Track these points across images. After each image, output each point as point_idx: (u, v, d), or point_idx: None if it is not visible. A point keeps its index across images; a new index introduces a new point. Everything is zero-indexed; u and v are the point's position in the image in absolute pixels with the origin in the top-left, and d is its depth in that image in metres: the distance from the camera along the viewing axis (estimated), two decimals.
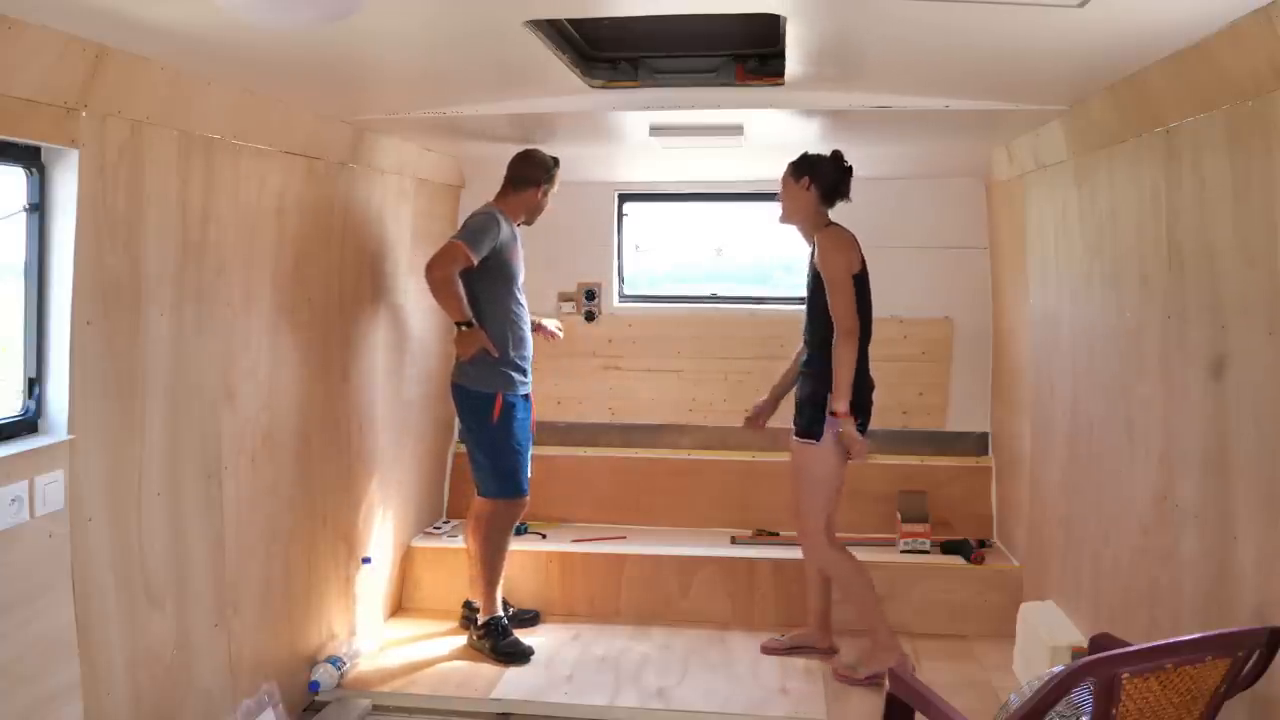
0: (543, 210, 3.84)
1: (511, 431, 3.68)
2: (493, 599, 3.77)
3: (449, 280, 3.50)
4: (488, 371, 3.63)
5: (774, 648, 3.79)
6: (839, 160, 3.47)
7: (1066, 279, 3.38)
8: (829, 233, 3.47)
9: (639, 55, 2.97)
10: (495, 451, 3.69)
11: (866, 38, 2.44)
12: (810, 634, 3.76)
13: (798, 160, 3.52)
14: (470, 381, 3.67)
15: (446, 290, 3.50)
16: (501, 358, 3.62)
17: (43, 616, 2.18)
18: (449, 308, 3.55)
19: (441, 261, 3.51)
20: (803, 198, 3.48)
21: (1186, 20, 2.02)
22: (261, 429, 3.04)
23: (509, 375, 3.66)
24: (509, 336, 3.66)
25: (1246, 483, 2.19)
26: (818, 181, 3.45)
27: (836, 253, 3.40)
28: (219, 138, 2.74)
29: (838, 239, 3.44)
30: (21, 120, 2.06)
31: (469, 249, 3.50)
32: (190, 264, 2.67)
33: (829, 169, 3.46)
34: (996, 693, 3.28)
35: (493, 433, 3.66)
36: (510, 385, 3.67)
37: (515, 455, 3.71)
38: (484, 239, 3.55)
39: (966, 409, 4.51)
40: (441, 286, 3.50)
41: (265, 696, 3.02)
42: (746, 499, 4.47)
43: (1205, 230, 2.36)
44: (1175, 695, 1.81)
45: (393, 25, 2.19)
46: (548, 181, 3.78)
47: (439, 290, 3.52)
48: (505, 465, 3.70)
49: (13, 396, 2.28)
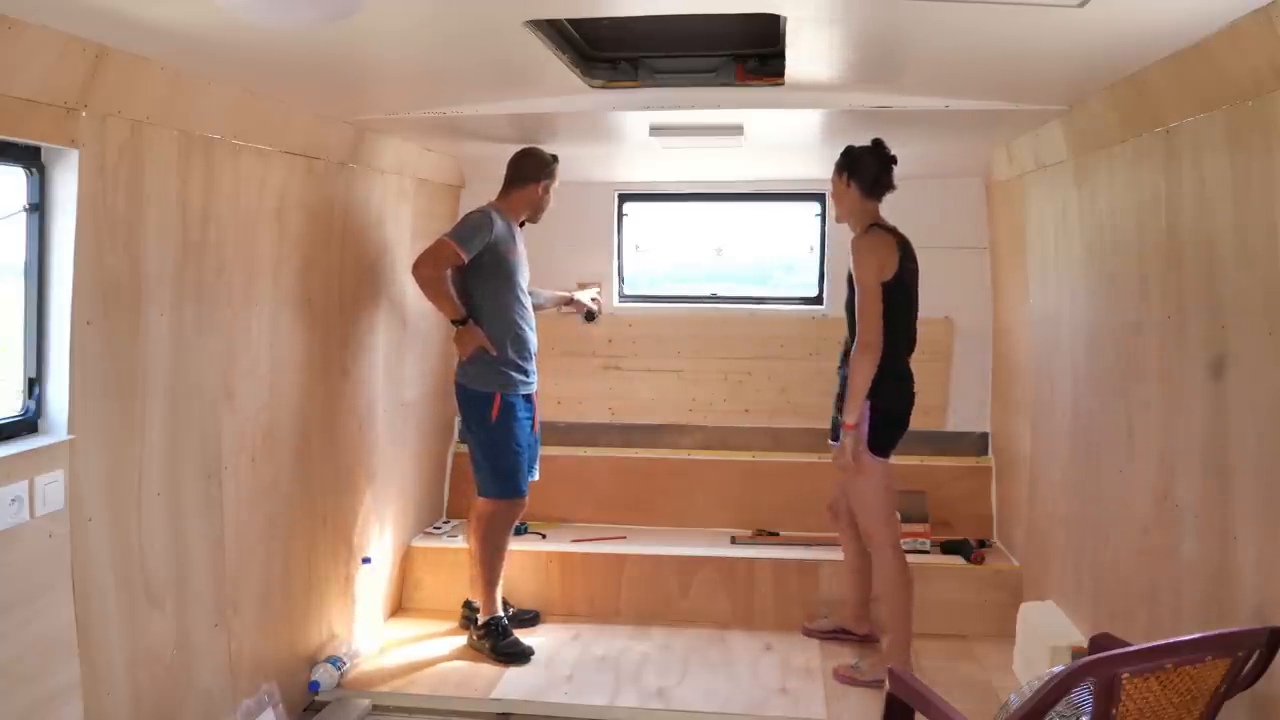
0: (546, 207, 3.83)
1: (511, 432, 3.68)
2: (492, 599, 3.77)
3: (437, 279, 3.51)
4: (487, 371, 3.63)
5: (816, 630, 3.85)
6: (879, 150, 3.33)
7: (1066, 279, 3.38)
8: (866, 236, 3.34)
9: (639, 55, 2.97)
10: (494, 452, 3.69)
11: (866, 38, 2.44)
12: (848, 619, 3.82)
13: (842, 154, 3.40)
14: (470, 381, 3.67)
15: (435, 288, 3.52)
16: (500, 357, 3.62)
17: (43, 616, 2.18)
18: (440, 305, 3.57)
19: (428, 259, 3.52)
20: (846, 195, 3.39)
21: (1186, 20, 2.02)
22: (261, 429, 3.04)
23: (508, 375, 3.66)
24: (507, 335, 3.65)
25: (1246, 483, 2.19)
26: (856, 177, 3.34)
27: (866, 257, 3.27)
28: (219, 138, 2.74)
29: (872, 243, 3.31)
30: (21, 120, 2.06)
31: (458, 246, 3.50)
32: (190, 264, 2.66)
33: (869, 162, 3.33)
34: (996, 693, 3.28)
35: (492, 432, 3.66)
36: (510, 385, 3.66)
37: (514, 456, 3.70)
38: (475, 237, 3.54)
39: (966, 409, 4.51)
40: (429, 284, 3.51)
41: (265, 696, 3.02)
42: (746, 499, 4.47)
43: (1205, 230, 2.36)
44: (1175, 695, 1.81)
45: (393, 25, 2.19)
46: (548, 177, 3.78)
47: (427, 288, 3.53)
48: (504, 465, 3.70)
49: (13, 396, 2.28)
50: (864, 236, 3.35)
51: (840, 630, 3.84)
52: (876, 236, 3.33)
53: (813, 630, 3.89)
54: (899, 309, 3.31)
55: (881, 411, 3.31)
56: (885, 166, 3.34)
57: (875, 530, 3.42)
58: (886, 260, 3.27)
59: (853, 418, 3.28)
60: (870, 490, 3.38)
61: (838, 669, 3.56)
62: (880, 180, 3.34)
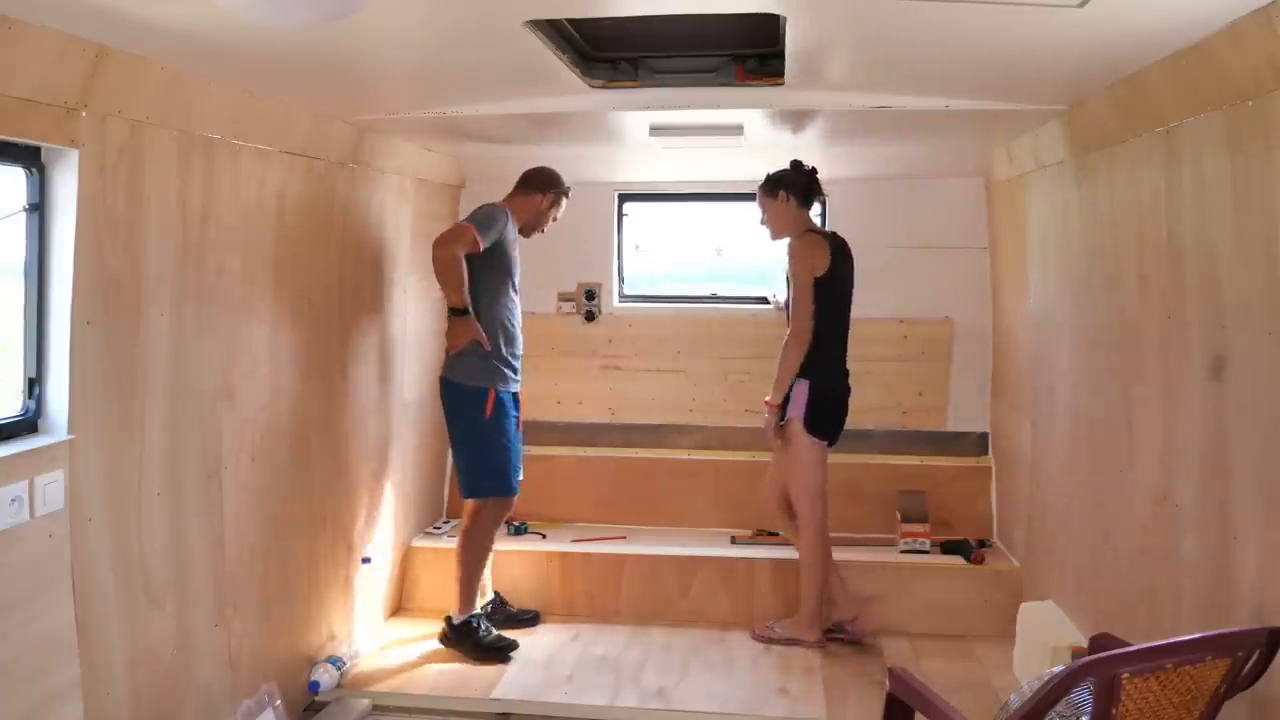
0: (541, 226, 3.85)
1: (503, 428, 3.68)
2: (470, 598, 3.75)
3: (455, 260, 3.47)
4: (481, 366, 3.62)
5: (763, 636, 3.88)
6: (800, 166, 3.73)
7: (1066, 279, 3.38)
8: (801, 239, 3.68)
9: (639, 55, 2.97)
10: (487, 448, 3.67)
11: (866, 37, 2.44)
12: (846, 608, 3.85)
13: (766, 181, 3.76)
14: (462, 377, 3.65)
15: (451, 270, 3.47)
16: (494, 352, 3.62)
17: (43, 616, 2.18)
18: (450, 289, 3.51)
19: (449, 240, 3.49)
20: (784, 211, 3.74)
21: (1186, 20, 2.02)
22: (261, 429, 3.04)
23: (501, 371, 3.66)
24: (500, 331, 3.65)
25: (1246, 483, 2.19)
26: (793, 191, 3.71)
27: (800, 256, 3.64)
28: (219, 138, 2.74)
29: (806, 244, 3.66)
30: (21, 120, 2.06)
31: (478, 233, 3.49)
32: (190, 264, 2.66)
33: (797, 177, 3.72)
34: (996, 693, 3.28)
35: (484, 429, 3.65)
36: (503, 381, 3.67)
37: (506, 451, 3.70)
38: (492, 227, 3.55)
39: (966, 409, 4.51)
40: (446, 265, 3.47)
41: (265, 696, 3.02)
42: (746, 499, 4.46)
43: (1205, 230, 2.36)
44: (1175, 695, 1.81)
45: (393, 25, 2.19)
46: (554, 193, 3.81)
47: (443, 269, 3.48)
48: (497, 462, 3.68)
49: (13, 396, 2.28)
50: (798, 239, 3.70)
51: (834, 626, 3.83)
52: (809, 239, 3.69)
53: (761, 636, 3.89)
54: (833, 302, 3.67)
55: (819, 393, 3.65)
56: (811, 178, 3.74)
57: (803, 507, 3.74)
58: (819, 259, 3.63)
59: (776, 397, 3.66)
60: (801, 468, 3.71)
61: (756, 628, 3.92)
62: (811, 189, 3.75)
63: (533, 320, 4.69)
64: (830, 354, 3.69)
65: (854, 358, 3.82)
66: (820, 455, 3.71)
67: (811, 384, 3.63)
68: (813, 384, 3.64)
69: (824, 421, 3.68)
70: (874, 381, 4.38)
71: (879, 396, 4.46)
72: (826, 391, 3.67)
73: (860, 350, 3.92)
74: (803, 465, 3.71)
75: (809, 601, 3.77)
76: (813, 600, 3.76)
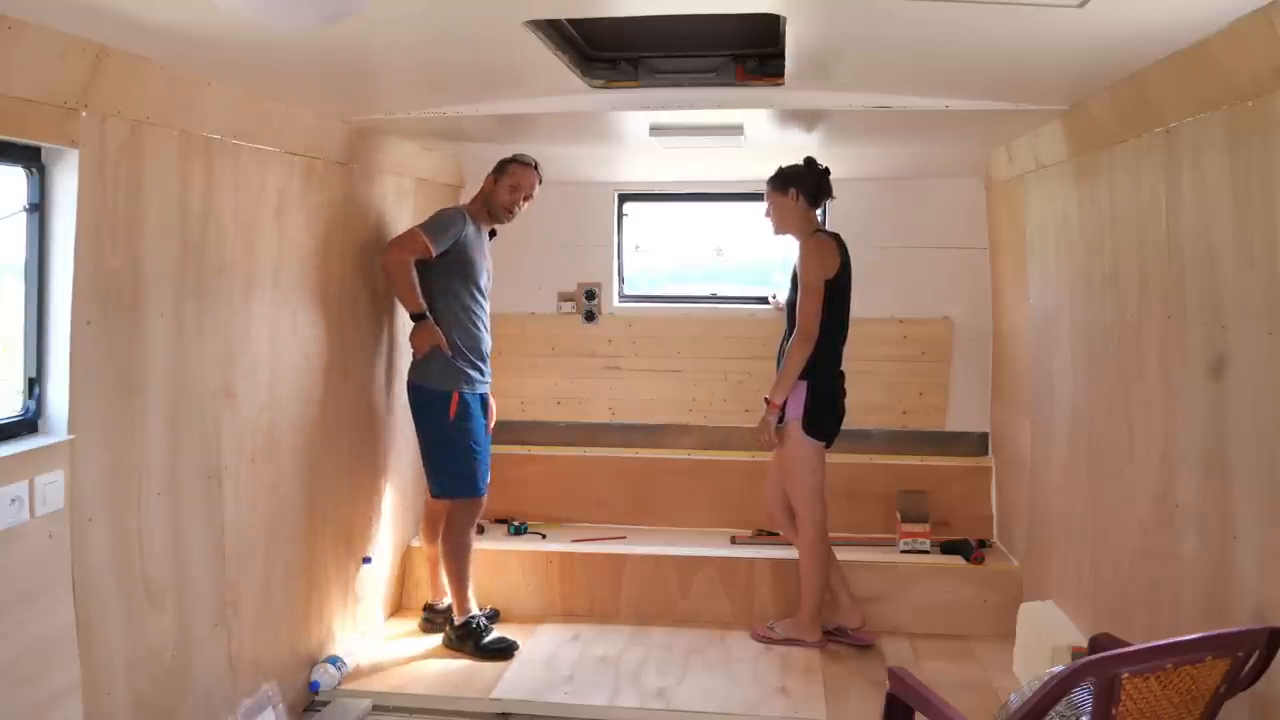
0: (508, 207, 3.75)
1: (469, 430, 3.68)
2: (465, 599, 3.76)
3: (403, 265, 3.49)
4: (445, 369, 3.62)
5: (850, 638, 3.85)
6: (814, 164, 3.70)
7: (1066, 279, 3.38)
8: (813, 240, 3.66)
9: (639, 55, 2.97)
10: (453, 451, 3.68)
11: (867, 37, 2.44)
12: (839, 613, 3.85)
13: (777, 176, 3.73)
14: (427, 380, 3.66)
15: (401, 276, 3.50)
16: (457, 354, 3.62)
17: (43, 616, 2.18)
18: (401, 295, 3.56)
19: (396, 246, 3.53)
20: (792, 208, 3.71)
21: (1186, 20, 2.02)
22: (261, 429, 3.04)
23: (466, 373, 3.67)
24: (462, 334, 3.65)
25: (1246, 483, 2.19)
26: (803, 189, 3.68)
27: (813, 258, 3.62)
28: (219, 138, 2.74)
29: (819, 246, 3.64)
30: (21, 120, 2.06)
31: (428, 238, 3.50)
32: (190, 264, 2.67)
33: (809, 175, 3.68)
34: (996, 693, 3.28)
35: (450, 432, 3.65)
36: (468, 383, 3.67)
37: (472, 455, 3.70)
38: (444, 231, 3.56)
39: (966, 409, 4.51)
40: (395, 270, 3.50)
41: (265, 696, 3.02)
42: (746, 499, 4.47)
43: (1205, 230, 2.36)
44: (1175, 695, 1.81)
45: (393, 25, 2.19)
46: (497, 171, 3.77)
47: (391, 273, 3.52)
48: (463, 465, 3.68)
49: (13, 396, 2.28)
50: (810, 240, 3.67)
51: (836, 630, 3.84)
52: (821, 240, 3.67)
53: (761, 636, 3.90)
54: (838, 304, 3.66)
55: (818, 394, 3.64)
56: (823, 177, 3.70)
57: (802, 507, 3.74)
58: (830, 262, 3.63)
59: (779, 397, 3.64)
60: (800, 469, 3.71)
61: (756, 629, 3.92)
62: (822, 188, 3.70)
63: (533, 320, 4.72)
64: (830, 356, 3.69)
65: (854, 358, 3.83)
66: (818, 456, 3.72)
67: (810, 385, 3.64)
68: (811, 385, 3.64)
69: (822, 423, 3.68)
70: (874, 381, 4.39)
71: (879, 396, 4.46)
72: (825, 393, 3.67)
73: (860, 350, 3.93)
74: (801, 466, 3.71)
75: (809, 602, 3.78)
76: (812, 601, 3.77)
